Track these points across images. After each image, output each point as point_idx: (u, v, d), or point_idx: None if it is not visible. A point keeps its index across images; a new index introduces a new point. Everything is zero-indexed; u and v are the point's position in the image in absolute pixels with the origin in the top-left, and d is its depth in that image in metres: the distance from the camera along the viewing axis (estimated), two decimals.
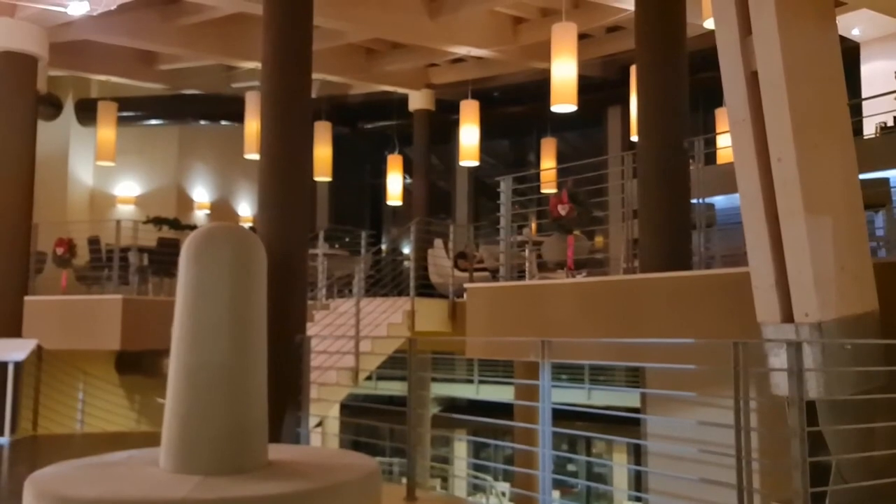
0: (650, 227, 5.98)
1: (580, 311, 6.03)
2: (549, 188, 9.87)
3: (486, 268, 8.95)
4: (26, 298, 8.77)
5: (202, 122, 13.49)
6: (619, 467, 10.87)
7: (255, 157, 8.39)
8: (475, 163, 11.05)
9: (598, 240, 11.44)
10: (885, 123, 6.81)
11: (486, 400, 8.99)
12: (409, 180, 12.93)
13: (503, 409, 6.75)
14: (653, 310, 5.45)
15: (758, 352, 3.75)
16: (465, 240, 9.95)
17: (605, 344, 5.38)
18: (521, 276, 8.01)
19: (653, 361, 4.91)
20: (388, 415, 6.15)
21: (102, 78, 11.37)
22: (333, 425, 9.46)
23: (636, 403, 7.13)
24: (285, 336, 6.00)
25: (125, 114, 12.16)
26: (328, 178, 11.94)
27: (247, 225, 13.02)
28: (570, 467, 12.35)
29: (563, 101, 7.75)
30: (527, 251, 7.90)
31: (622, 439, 5.56)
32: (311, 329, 7.34)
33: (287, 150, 6.43)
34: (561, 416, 4.50)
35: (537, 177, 11.64)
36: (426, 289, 8.80)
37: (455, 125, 11.68)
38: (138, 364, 8.93)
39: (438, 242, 9.44)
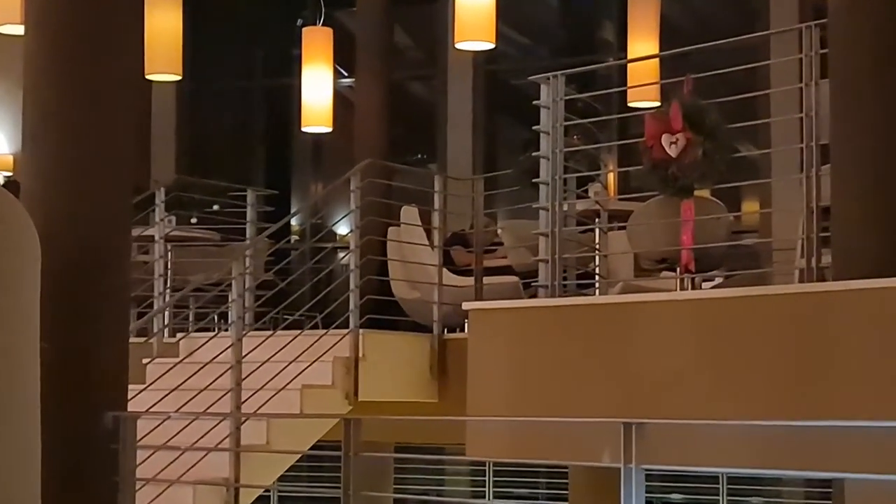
0: (856, 185, 6.00)
1: (706, 359, 6.06)
2: (643, 100, 9.89)
3: (509, 266, 9.00)
4: None
5: None
6: None
7: (19, 30, 8.37)
8: (487, 45, 11.04)
9: (748, 208, 11.46)
10: None
11: None
12: (347, 81, 12.91)
13: None
14: (861, 358, 5.48)
15: None
16: (466, 209, 9.96)
17: (759, 431, 5.40)
18: (585, 286, 8.01)
19: (862, 469, 4.93)
20: None
21: None
22: None
23: None
24: (83, 413, 6.02)
25: None
26: (176, 77, 11.92)
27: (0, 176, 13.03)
28: None
29: None
30: (596, 232, 7.96)
31: None
32: (139, 398, 7.36)
33: (85, 19, 6.42)
34: None
35: (620, 75, 11.66)
36: (384, 311, 8.82)
37: None
38: None
39: (411, 213, 9.45)
